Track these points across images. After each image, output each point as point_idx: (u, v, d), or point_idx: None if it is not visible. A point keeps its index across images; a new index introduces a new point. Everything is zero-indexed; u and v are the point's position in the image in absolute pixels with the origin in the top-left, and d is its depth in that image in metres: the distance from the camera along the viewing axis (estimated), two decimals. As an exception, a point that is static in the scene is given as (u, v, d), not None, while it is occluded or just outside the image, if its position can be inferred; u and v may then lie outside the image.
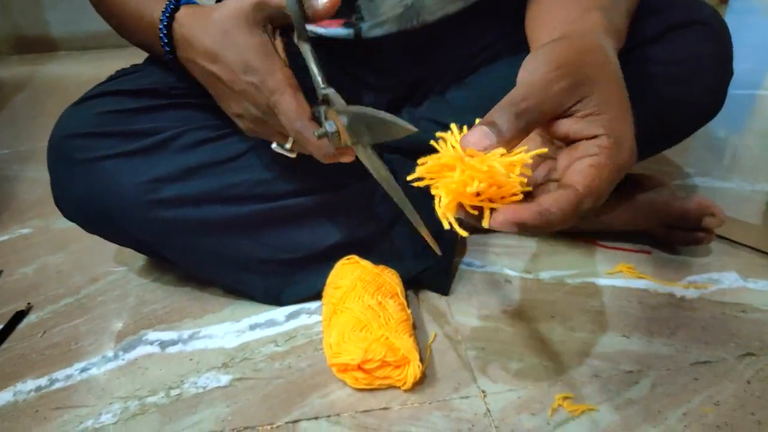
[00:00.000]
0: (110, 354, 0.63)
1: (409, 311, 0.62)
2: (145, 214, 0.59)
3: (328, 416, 0.54)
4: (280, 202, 0.64)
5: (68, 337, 0.65)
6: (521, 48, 0.52)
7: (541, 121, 0.37)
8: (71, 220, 0.64)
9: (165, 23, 0.54)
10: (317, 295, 0.68)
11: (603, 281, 0.70)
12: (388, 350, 0.55)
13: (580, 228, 0.77)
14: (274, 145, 0.56)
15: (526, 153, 0.37)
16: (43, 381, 0.59)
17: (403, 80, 0.74)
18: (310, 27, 0.64)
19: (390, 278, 0.64)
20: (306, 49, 0.52)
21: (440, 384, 0.57)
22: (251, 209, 0.63)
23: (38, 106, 1.55)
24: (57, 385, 0.59)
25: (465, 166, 0.35)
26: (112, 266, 0.78)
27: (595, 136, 0.36)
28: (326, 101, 0.50)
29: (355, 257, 0.66)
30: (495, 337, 0.63)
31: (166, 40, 0.55)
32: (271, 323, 0.66)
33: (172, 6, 0.55)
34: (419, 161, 0.39)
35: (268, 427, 0.53)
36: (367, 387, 0.56)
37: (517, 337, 0.63)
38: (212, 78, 0.54)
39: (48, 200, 0.65)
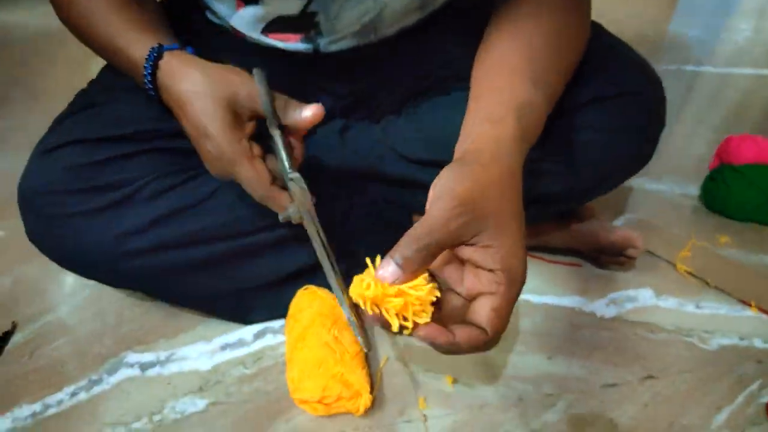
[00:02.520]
0: (95, 377, 0.70)
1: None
2: (115, 265, 0.64)
3: (292, 441, 0.63)
4: (246, 239, 0.69)
5: (54, 361, 0.72)
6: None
7: (441, 251, 0.42)
8: (46, 255, 0.68)
9: (149, 70, 0.57)
10: (281, 315, 0.75)
11: (537, 299, 0.79)
12: (343, 387, 0.63)
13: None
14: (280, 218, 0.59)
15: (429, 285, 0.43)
16: (37, 406, 0.67)
17: (360, 88, 0.76)
18: (266, 40, 0.67)
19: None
20: (276, 135, 0.56)
21: (388, 407, 0.66)
22: (217, 249, 0.68)
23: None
24: (50, 411, 0.66)
25: (384, 301, 0.42)
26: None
27: (492, 270, 0.42)
28: (292, 184, 0.55)
29: (312, 287, 0.72)
30: (438, 358, 0.72)
31: (151, 86, 0.58)
32: (241, 343, 0.74)
33: (155, 54, 0.57)
34: (350, 292, 0.44)
35: (240, 453, 0.63)
36: (325, 414, 0.65)
37: (459, 358, 0.72)
38: (181, 124, 0.58)
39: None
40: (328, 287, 0.76)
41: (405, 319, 0.43)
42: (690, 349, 0.73)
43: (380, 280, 0.42)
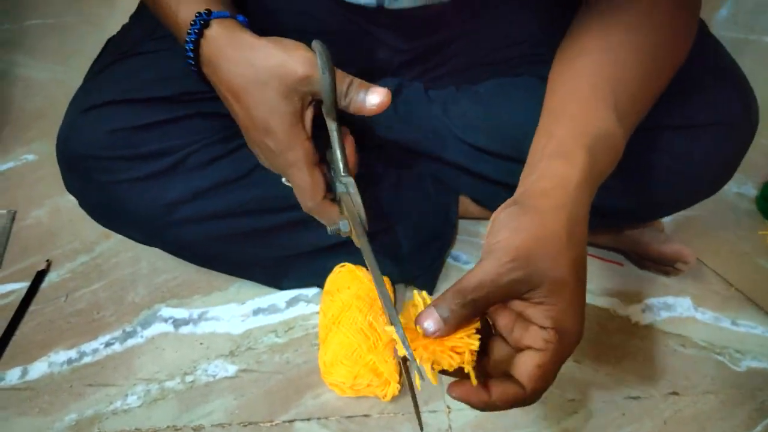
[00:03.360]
0: (129, 329, 0.71)
1: (396, 325, 0.70)
2: (159, 232, 0.63)
3: (319, 418, 0.65)
4: (288, 213, 0.67)
5: (90, 305, 0.73)
6: (545, 66, 0.52)
7: (490, 306, 0.40)
8: (86, 211, 0.66)
9: (193, 38, 0.49)
10: (315, 283, 0.75)
11: (572, 295, 0.78)
12: (373, 376, 0.64)
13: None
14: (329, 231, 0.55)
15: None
16: (72, 353, 0.69)
17: (423, 45, 0.71)
18: None
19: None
20: (332, 128, 0.51)
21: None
22: (260, 221, 0.66)
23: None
24: (86, 360, 0.68)
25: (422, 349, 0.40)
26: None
27: (543, 327, 0.39)
28: (344, 188, 0.51)
29: (350, 266, 0.71)
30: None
31: (192, 56, 0.51)
32: (273, 309, 0.74)
33: (202, 21, 0.49)
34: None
35: (269, 424, 0.65)
36: (353, 396, 0.67)
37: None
38: (231, 110, 0.53)
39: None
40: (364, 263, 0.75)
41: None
42: (719, 368, 0.73)
43: (423, 331, 0.41)
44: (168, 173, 0.60)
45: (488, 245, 0.40)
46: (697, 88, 0.57)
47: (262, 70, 0.48)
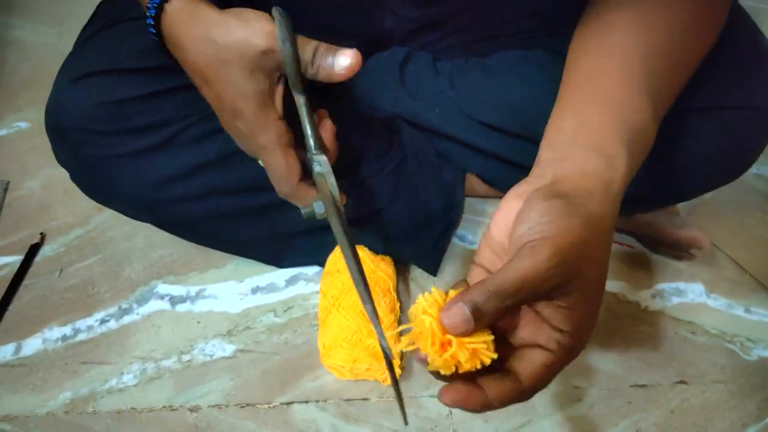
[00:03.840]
0: (125, 305, 0.69)
1: (398, 307, 0.68)
2: (153, 209, 0.60)
3: (317, 401, 0.64)
4: (285, 191, 0.65)
5: (84, 280, 0.71)
6: (559, 39, 0.49)
7: (522, 305, 0.37)
8: (78, 186, 0.64)
9: (152, 13, 0.45)
10: (315, 262, 0.73)
11: (580, 279, 0.76)
12: (373, 360, 0.63)
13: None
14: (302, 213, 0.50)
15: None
16: (67, 330, 0.67)
17: (432, 13, 0.67)
18: None
19: (385, 271, 0.68)
20: (300, 103, 0.47)
21: (415, 379, 0.66)
22: (257, 198, 0.63)
23: None
24: (80, 336, 0.67)
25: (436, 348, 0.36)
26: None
27: (560, 330, 0.36)
28: (318, 167, 0.48)
29: (354, 244, 0.69)
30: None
31: (154, 32, 0.46)
32: (272, 288, 0.72)
33: None
34: (403, 331, 0.39)
35: (266, 406, 0.64)
36: (352, 379, 0.65)
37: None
38: (200, 91, 0.49)
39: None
40: (368, 244, 0.73)
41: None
42: (729, 356, 0.71)
43: (444, 324, 0.38)
44: (159, 148, 0.57)
45: (524, 237, 0.36)
46: (728, 69, 0.53)
47: (224, 48, 0.43)
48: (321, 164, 0.47)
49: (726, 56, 0.52)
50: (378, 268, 0.68)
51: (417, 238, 0.73)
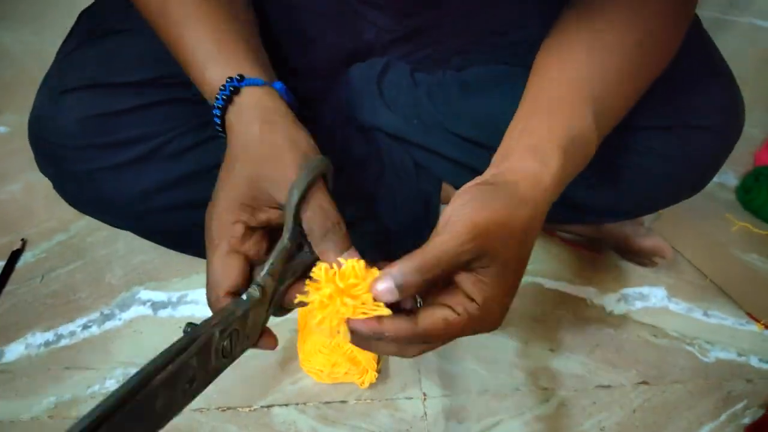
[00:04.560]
0: (107, 311, 0.71)
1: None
2: (133, 219, 0.61)
3: (297, 404, 0.66)
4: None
5: (66, 286, 0.72)
6: (533, 55, 0.52)
7: (444, 277, 0.39)
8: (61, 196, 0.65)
9: (221, 104, 0.45)
10: (295, 268, 0.75)
11: (550, 284, 0.79)
12: (351, 365, 0.65)
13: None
14: None
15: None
16: (49, 335, 0.68)
17: (411, 24, 0.69)
18: None
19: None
20: (281, 247, 0.41)
21: (391, 381, 0.69)
22: (238, 208, 0.65)
23: None
24: (63, 342, 0.68)
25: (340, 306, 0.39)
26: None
27: (470, 298, 0.39)
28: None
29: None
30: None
31: (219, 125, 0.46)
32: (252, 293, 0.74)
33: (232, 87, 0.45)
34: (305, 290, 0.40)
35: (247, 410, 0.66)
36: (330, 382, 0.68)
37: (463, 339, 0.73)
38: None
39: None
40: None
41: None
42: (688, 358, 0.75)
43: (373, 294, 0.39)
44: (143, 161, 0.59)
45: (448, 216, 0.39)
46: (683, 88, 0.56)
47: (258, 151, 0.43)
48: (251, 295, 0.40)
49: (681, 76, 0.55)
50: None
51: (395, 244, 0.75)
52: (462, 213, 0.39)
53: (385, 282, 0.37)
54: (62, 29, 0.65)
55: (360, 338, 0.39)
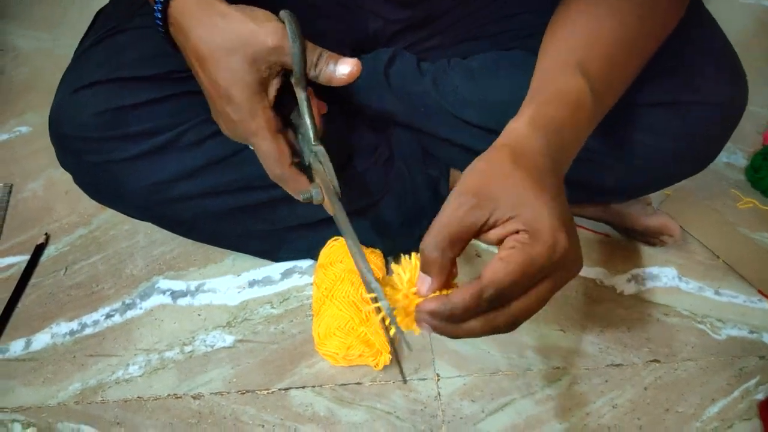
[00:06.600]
0: (128, 300, 0.73)
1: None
2: (152, 210, 0.64)
3: (313, 386, 0.68)
4: (279, 189, 0.68)
5: (89, 277, 0.75)
6: (538, 40, 0.53)
7: (461, 243, 0.40)
8: (81, 188, 0.67)
9: (160, 3, 0.48)
10: (309, 256, 0.77)
11: (560, 266, 0.80)
12: (365, 347, 0.67)
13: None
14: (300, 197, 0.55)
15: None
16: (74, 325, 0.71)
17: (416, 15, 0.71)
18: None
19: (374, 263, 0.72)
20: (302, 98, 0.51)
21: (405, 364, 0.70)
22: (253, 197, 0.67)
23: None
24: (87, 331, 0.71)
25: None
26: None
27: (517, 231, 0.39)
28: (314, 156, 0.51)
29: (342, 239, 0.73)
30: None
31: (159, 16, 0.49)
32: (268, 281, 0.76)
33: None
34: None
35: (265, 392, 0.67)
36: (346, 365, 0.69)
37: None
38: (197, 77, 0.52)
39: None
40: (361, 237, 0.76)
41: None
42: (700, 336, 0.75)
43: (417, 291, 0.42)
44: (160, 152, 0.61)
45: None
46: (685, 64, 0.57)
47: (230, 38, 0.47)
48: (319, 154, 0.51)
49: (682, 52, 0.56)
50: (369, 259, 0.72)
51: (404, 232, 0.77)
52: (463, 180, 0.40)
53: (421, 281, 0.40)
54: (77, 30, 0.68)
55: (441, 322, 0.39)
